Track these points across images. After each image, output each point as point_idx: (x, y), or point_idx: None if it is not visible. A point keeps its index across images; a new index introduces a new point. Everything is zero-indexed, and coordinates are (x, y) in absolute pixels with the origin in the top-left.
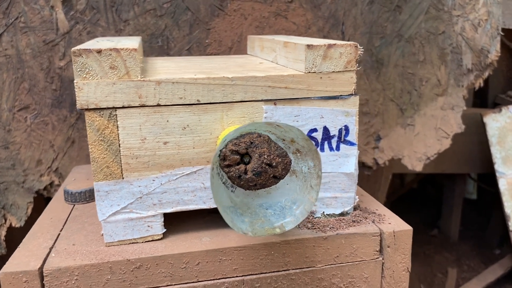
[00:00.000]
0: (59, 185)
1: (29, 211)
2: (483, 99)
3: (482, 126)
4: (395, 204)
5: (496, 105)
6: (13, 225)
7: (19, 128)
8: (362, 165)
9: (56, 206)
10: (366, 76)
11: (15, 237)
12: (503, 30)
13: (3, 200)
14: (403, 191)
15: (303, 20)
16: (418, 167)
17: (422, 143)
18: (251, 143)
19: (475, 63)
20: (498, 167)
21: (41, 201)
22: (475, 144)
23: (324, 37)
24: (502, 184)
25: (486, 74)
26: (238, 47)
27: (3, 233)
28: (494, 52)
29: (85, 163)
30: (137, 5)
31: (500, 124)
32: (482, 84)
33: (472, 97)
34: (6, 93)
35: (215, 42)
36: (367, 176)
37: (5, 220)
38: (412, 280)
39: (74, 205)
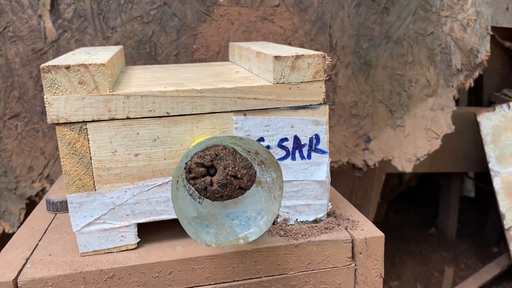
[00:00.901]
0: None
1: (22, 217)
2: (478, 97)
3: (477, 125)
4: (394, 203)
5: (491, 104)
6: (6, 231)
7: (10, 136)
8: (352, 167)
9: (38, 215)
10: (354, 78)
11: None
12: (496, 28)
13: None
14: (402, 189)
15: (290, 24)
16: (408, 168)
17: (412, 144)
18: (216, 155)
19: (464, 63)
20: (493, 166)
21: (33, 207)
22: (470, 143)
23: (311, 40)
24: (497, 183)
25: (476, 74)
26: (225, 52)
27: None
28: (484, 52)
29: None
30: (124, 12)
31: (493, 123)
32: (472, 84)
33: (467, 96)
34: None
35: (203, 47)
36: (359, 177)
37: None
38: (408, 279)
39: (56, 214)
